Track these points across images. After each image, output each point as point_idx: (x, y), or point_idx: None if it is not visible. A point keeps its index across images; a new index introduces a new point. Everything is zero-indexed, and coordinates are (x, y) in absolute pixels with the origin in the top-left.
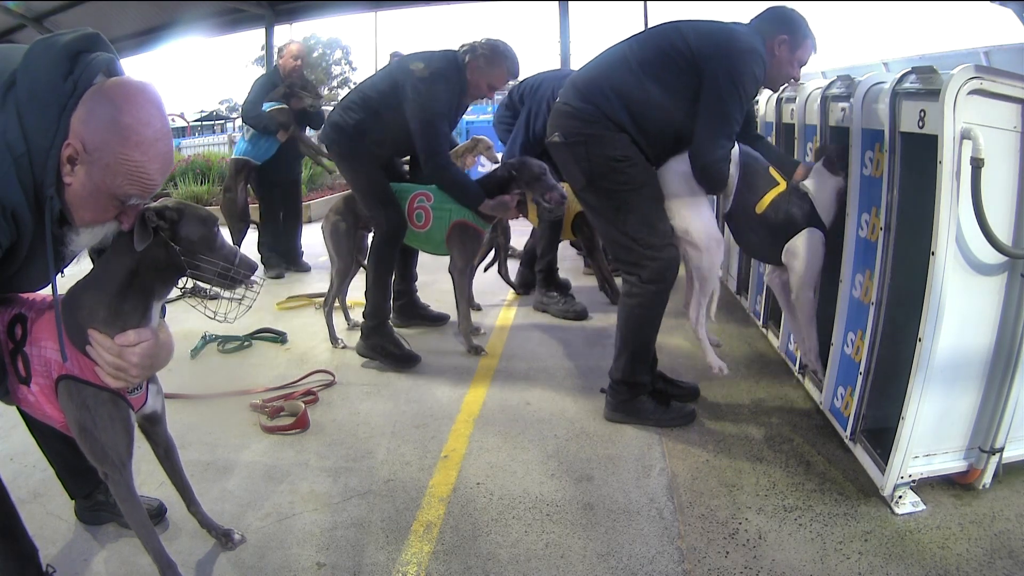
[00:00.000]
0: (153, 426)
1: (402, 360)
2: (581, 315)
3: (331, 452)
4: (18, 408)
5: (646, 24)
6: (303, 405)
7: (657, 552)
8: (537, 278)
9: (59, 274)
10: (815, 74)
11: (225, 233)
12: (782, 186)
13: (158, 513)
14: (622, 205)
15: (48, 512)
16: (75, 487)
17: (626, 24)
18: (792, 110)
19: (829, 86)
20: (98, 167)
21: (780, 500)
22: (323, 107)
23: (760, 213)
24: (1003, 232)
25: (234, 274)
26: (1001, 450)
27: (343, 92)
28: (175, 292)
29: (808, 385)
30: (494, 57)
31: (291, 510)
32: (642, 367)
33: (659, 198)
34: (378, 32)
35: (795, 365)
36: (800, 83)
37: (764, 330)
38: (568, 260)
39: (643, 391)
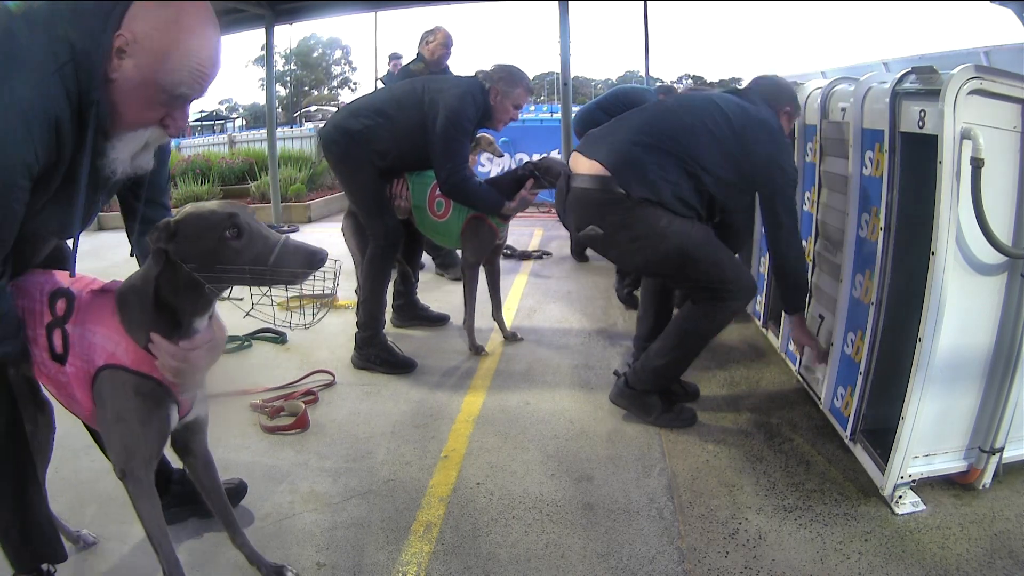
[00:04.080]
0: (193, 435)
1: (398, 367)
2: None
3: (331, 452)
4: None
5: (646, 24)
6: (303, 405)
7: (657, 552)
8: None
9: (83, 228)
10: (815, 74)
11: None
12: None
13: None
14: (686, 262)
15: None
16: None
17: (626, 25)
18: None
19: (831, 86)
20: (149, 55)
21: (780, 500)
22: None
23: None
24: (1003, 232)
25: (272, 276)
26: (1001, 450)
27: (343, 93)
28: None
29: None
30: (512, 79)
31: (291, 510)
32: (679, 373)
33: (710, 234)
34: (378, 32)
35: (795, 365)
36: (800, 83)
37: (764, 330)
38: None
39: (661, 390)
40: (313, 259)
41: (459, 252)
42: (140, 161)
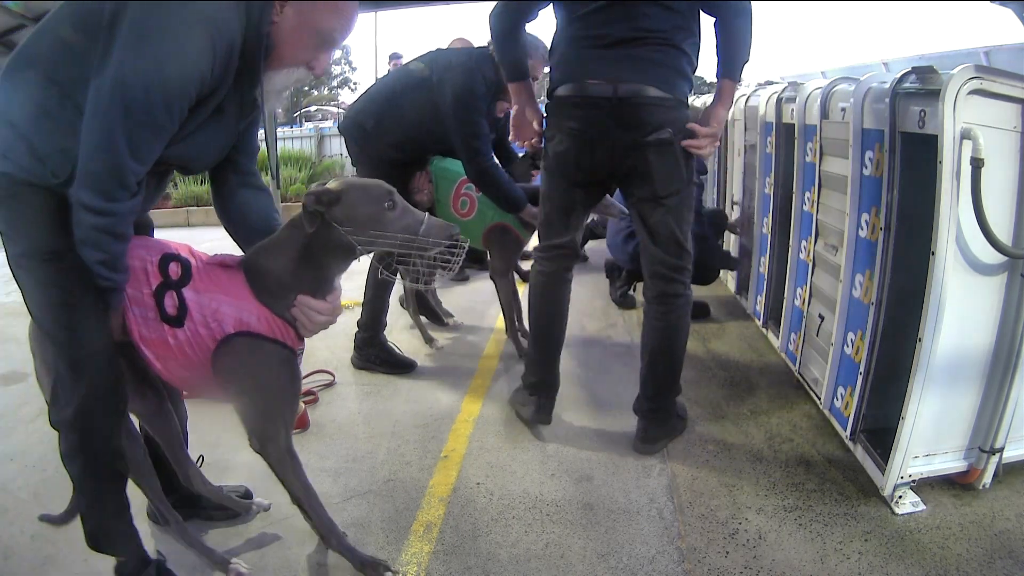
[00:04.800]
0: None
1: (398, 367)
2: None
3: (331, 452)
4: None
5: None
6: (303, 405)
7: (657, 552)
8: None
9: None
10: (815, 74)
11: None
12: None
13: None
14: (690, 202)
15: (48, 512)
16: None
17: None
18: (792, 110)
19: (831, 86)
20: (309, 5)
21: (780, 500)
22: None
23: None
24: (1003, 232)
25: (419, 244)
26: (1001, 450)
27: (343, 93)
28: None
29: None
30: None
31: (291, 510)
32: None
33: None
34: (378, 32)
35: (795, 365)
36: (800, 83)
37: (764, 330)
38: None
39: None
40: (452, 231)
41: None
42: (282, 98)
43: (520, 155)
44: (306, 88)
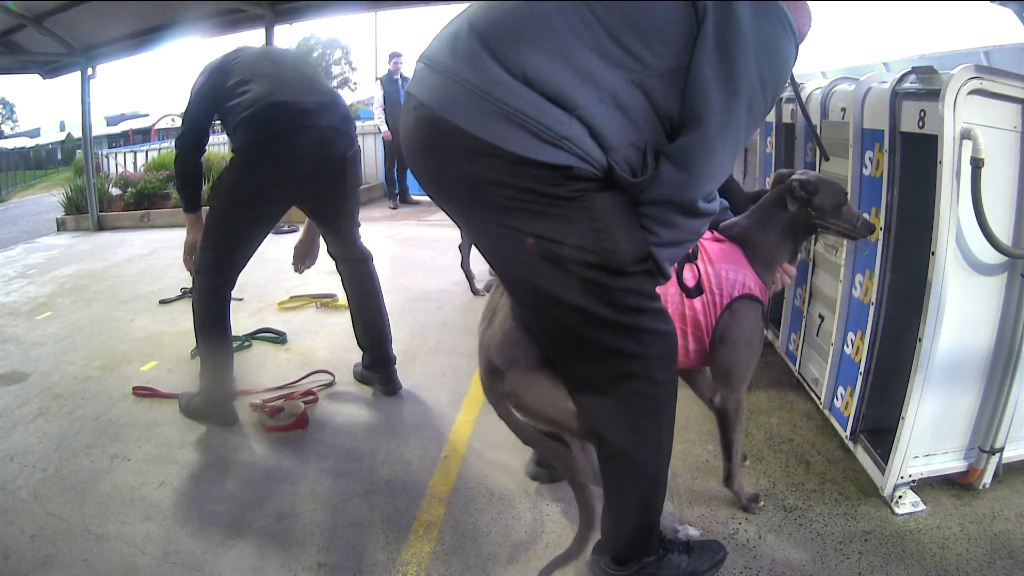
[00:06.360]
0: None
1: None
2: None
3: (331, 452)
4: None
5: None
6: (303, 405)
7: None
8: None
9: None
10: (815, 74)
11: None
12: None
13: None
14: None
15: (48, 512)
16: None
17: None
18: (792, 110)
19: (831, 86)
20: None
21: (780, 500)
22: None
23: None
24: (1003, 232)
25: (854, 233)
26: (1001, 450)
27: (343, 93)
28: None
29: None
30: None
31: (291, 510)
32: None
33: None
34: (378, 32)
35: (795, 365)
36: (801, 84)
37: (764, 330)
38: None
39: None
40: (872, 228)
41: None
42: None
43: None
44: None
